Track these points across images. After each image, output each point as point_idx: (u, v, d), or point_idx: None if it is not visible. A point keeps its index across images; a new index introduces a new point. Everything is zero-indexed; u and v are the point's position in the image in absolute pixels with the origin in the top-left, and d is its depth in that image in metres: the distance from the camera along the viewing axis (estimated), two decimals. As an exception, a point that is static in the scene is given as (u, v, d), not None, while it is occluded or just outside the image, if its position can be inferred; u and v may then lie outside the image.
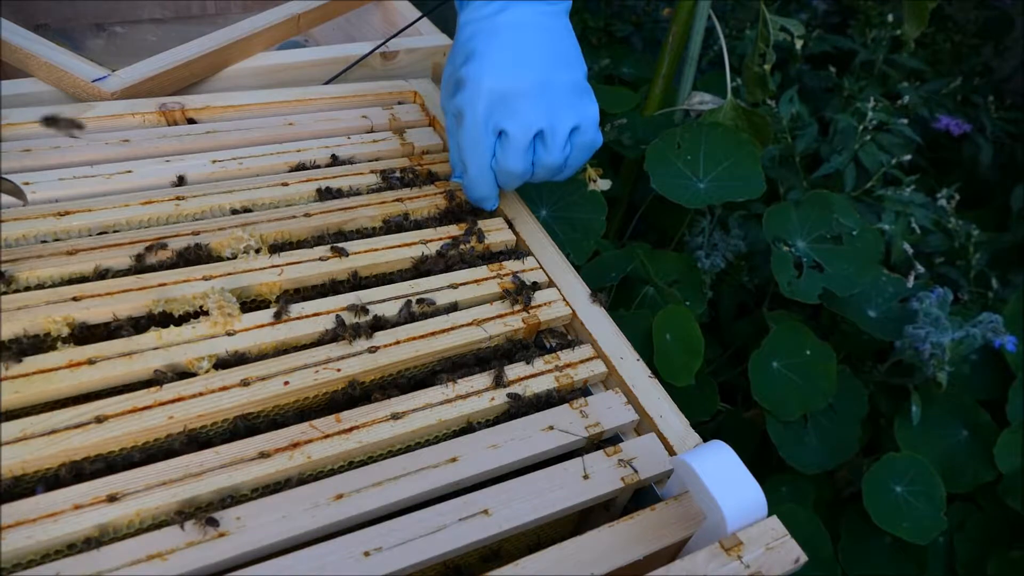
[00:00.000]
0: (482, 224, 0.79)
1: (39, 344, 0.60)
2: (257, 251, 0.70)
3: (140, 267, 0.66)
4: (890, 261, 1.35)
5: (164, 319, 0.64)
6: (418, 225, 0.79)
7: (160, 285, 0.65)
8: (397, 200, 0.79)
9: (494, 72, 0.68)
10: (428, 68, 1.05)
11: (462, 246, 0.76)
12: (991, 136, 1.84)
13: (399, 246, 0.74)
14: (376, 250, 0.73)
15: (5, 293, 0.61)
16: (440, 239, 0.76)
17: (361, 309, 0.67)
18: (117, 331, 0.62)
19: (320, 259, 0.71)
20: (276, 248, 0.72)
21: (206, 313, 0.63)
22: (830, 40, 1.91)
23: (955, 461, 1.18)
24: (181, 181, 0.76)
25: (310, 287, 0.71)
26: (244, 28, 0.94)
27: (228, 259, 0.69)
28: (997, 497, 1.17)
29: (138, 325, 0.63)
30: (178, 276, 0.66)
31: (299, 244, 0.74)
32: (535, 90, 0.69)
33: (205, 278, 0.66)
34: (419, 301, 0.69)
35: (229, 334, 0.63)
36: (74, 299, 0.62)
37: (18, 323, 0.59)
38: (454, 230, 0.78)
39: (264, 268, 0.69)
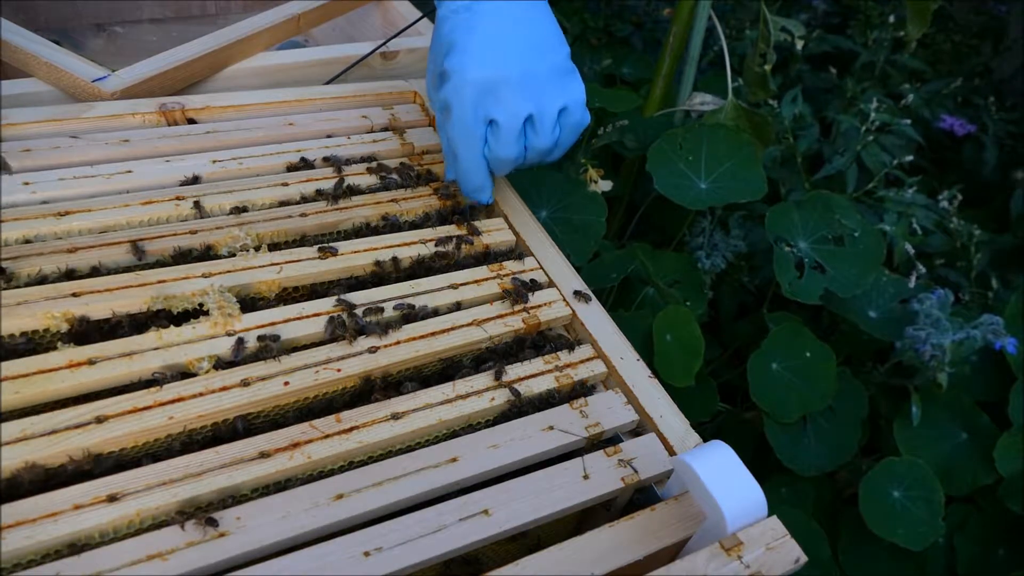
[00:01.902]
0: (482, 224, 0.79)
1: (38, 340, 0.60)
2: (256, 248, 0.70)
3: (138, 265, 0.67)
4: (891, 262, 1.35)
5: (164, 316, 0.64)
6: (415, 225, 0.79)
7: (159, 282, 0.65)
8: (392, 200, 0.79)
9: (477, 62, 0.69)
10: (428, 68, 1.05)
11: (463, 245, 0.76)
12: (993, 137, 1.85)
13: (398, 245, 0.74)
14: (376, 249, 0.73)
15: (5, 289, 0.61)
16: (438, 237, 0.76)
17: (376, 309, 0.67)
18: (117, 328, 0.62)
19: (320, 257, 0.71)
20: (275, 247, 0.72)
21: (206, 313, 0.63)
22: (830, 40, 1.91)
23: (954, 463, 1.18)
24: (195, 180, 0.76)
25: (309, 287, 0.71)
26: (244, 28, 0.94)
27: (226, 257, 0.69)
28: (997, 498, 1.16)
29: (137, 322, 0.63)
30: (177, 273, 0.66)
31: (298, 243, 0.74)
32: (520, 76, 0.69)
33: (204, 275, 0.66)
34: (409, 306, 0.69)
35: (229, 334, 0.62)
36: (73, 295, 0.62)
37: (18, 318, 0.59)
38: (453, 230, 0.77)
39: (263, 266, 0.69)
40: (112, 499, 0.51)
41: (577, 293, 0.74)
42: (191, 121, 0.84)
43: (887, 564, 1.16)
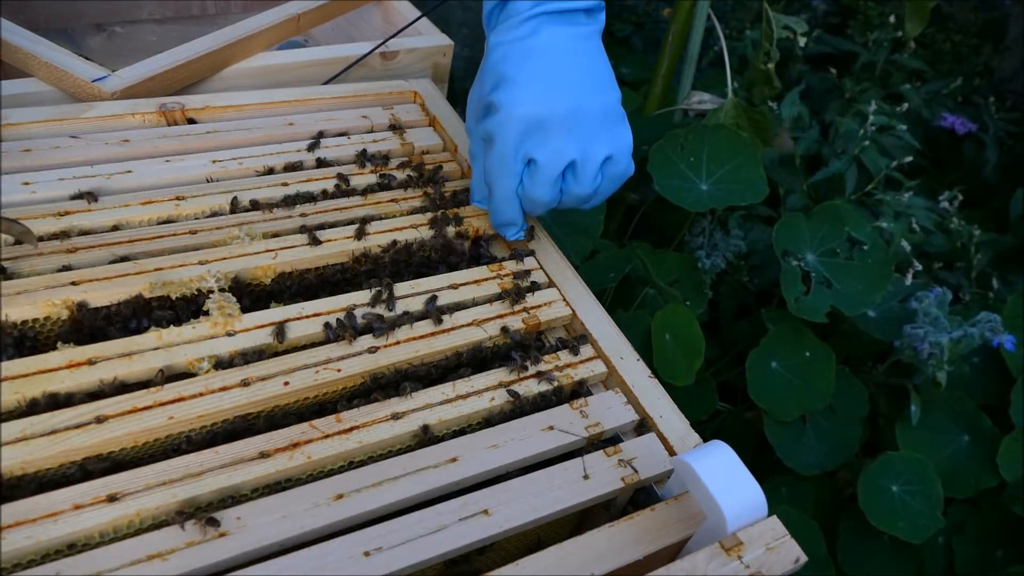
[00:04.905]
0: (481, 222, 0.79)
1: (39, 330, 0.61)
2: (251, 238, 0.71)
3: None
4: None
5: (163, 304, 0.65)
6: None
7: (157, 270, 0.65)
8: (392, 200, 0.79)
9: (527, 98, 0.66)
10: (428, 68, 1.05)
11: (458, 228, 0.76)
12: (993, 136, 1.85)
13: (392, 230, 0.75)
14: (370, 234, 0.74)
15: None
16: (430, 219, 0.77)
17: (383, 295, 0.67)
18: (116, 316, 0.63)
19: (313, 244, 0.71)
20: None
21: (206, 313, 0.64)
22: (830, 41, 1.91)
23: (957, 466, 1.18)
24: (91, 197, 0.72)
25: (310, 279, 0.71)
26: (244, 28, 0.94)
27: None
28: (997, 499, 1.17)
29: (136, 309, 0.64)
30: (174, 261, 0.66)
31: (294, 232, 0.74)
32: (568, 118, 0.67)
33: (201, 262, 0.67)
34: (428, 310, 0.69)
35: (229, 334, 0.63)
36: (73, 283, 0.62)
37: (18, 307, 0.59)
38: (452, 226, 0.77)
39: (258, 252, 0.69)
40: (112, 499, 0.51)
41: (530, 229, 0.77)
42: (191, 121, 0.84)
43: (886, 563, 1.16)
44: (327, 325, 0.65)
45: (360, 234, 0.73)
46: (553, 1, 0.67)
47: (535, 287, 0.74)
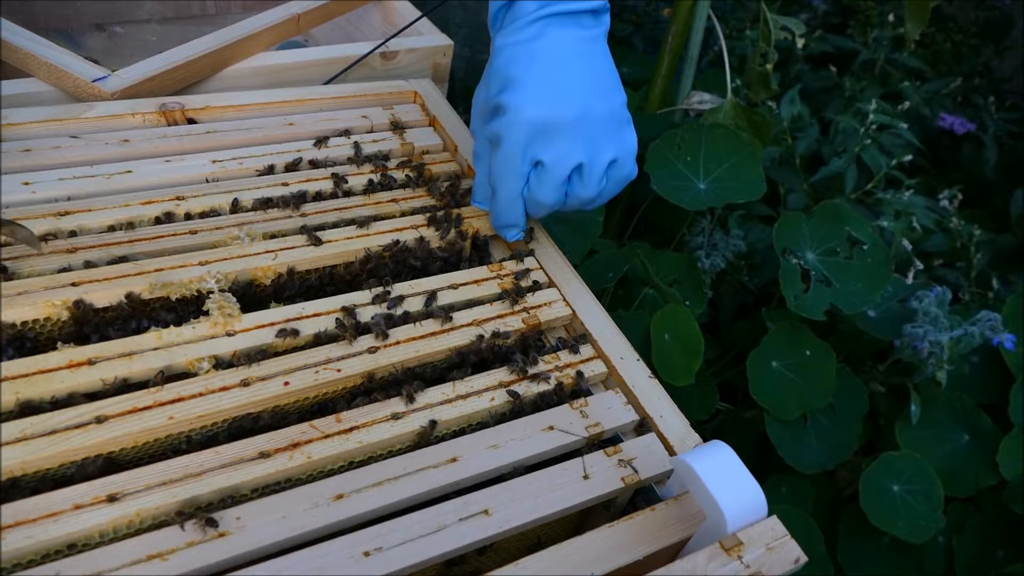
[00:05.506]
0: (479, 221, 0.79)
1: (39, 331, 0.61)
2: (252, 239, 0.71)
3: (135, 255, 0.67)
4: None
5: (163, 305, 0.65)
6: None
7: (157, 271, 0.65)
8: (392, 200, 0.79)
9: (535, 101, 0.66)
10: (428, 68, 1.05)
11: (455, 228, 0.76)
12: (993, 136, 1.85)
13: (391, 231, 0.75)
14: (369, 235, 0.74)
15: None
16: (429, 217, 0.77)
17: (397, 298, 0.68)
18: (116, 317, 0.63)
19: (314, 244, 0.71)
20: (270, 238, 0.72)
21: (206, 313, 0.64)
22: (830, 40, 1.91)
23: (957, 465, 1.18)
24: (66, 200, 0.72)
25: (314, 276, 0.71)
26: (244, 28, 0.94)
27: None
28: (997, 498, 1.17)
29: (135, 308, 0.63)
30: (175, 262, 0.66)
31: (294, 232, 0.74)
32: (576, 121, 0.67)
33: (201, 263, 0.67)
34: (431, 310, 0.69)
35: (229, 334, 0.63)
36: (73, 284, 0.62)
37: (19, 308, 0.59)
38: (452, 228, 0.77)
39: (259, 253, 0.69)
40: (112, 499, 0.51)
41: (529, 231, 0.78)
42: (191, 121, 0.84)
43: (886, 562, 1.16)
44: (318, 334, 0.65)
45: (359, 231, 0.73)
46: (559, 2, 0.67)
47: (536, 287, 0.74)
